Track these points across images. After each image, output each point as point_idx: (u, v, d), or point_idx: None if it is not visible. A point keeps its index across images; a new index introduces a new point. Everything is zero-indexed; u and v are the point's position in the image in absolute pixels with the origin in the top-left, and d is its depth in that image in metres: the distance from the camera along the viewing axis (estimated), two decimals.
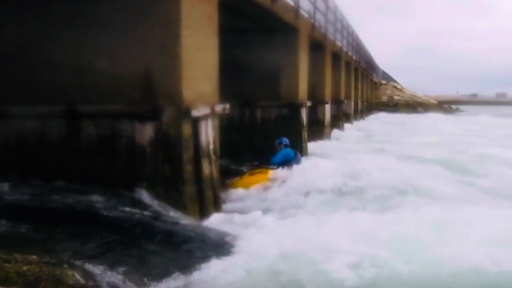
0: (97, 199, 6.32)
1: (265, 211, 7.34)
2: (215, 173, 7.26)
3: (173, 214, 6.48)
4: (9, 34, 6.97)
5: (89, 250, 4.89)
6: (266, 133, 12.55)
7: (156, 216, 6.26)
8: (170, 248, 5.37)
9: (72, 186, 6.69)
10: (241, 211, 7.24)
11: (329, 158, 12.56)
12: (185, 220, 6.43)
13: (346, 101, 24.21)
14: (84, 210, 6.07)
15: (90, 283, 4.25)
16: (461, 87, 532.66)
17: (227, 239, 5.81)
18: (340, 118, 22.22)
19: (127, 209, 6.23)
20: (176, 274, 4.72)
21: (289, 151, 10.64)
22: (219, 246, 5.52)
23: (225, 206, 7.76)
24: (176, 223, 6.22)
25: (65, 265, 4.37)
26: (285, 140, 10.85)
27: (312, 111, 16.36)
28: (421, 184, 9.52)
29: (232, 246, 5.56)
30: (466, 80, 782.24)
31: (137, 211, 6.24)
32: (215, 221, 6.79)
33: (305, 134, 13.69)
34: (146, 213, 6.25)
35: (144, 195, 6.61)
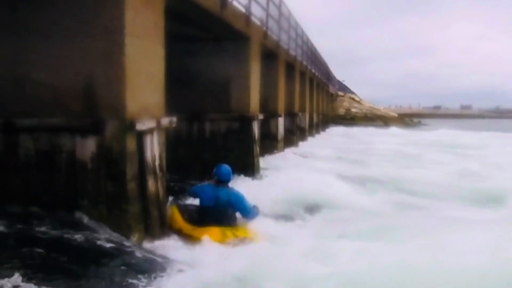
0: (35, 219, 6.39)
1: None
2: (161, 191, 7.38)
3: (115, 235, 6.56)
4: None
5: (26, 277, 4.98)
6: (216, 148, 12.80)
7: (97, 238, 6.33)
8: (108, 274, 5.47)
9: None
10: None
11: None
12: (128, 242, 6.49)
13: (300, 114, 24.61)
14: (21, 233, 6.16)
15: None
16: (423, 101, 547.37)
17: (169, 264, 6.00)
18: (294, 133, 22.60)
19: (67, 230, 6.33)
20: None
21: (208, 189, 7.60)
22: (160, 271, 5.67)
23: None
24: (117, 245, 6.27)
25: None
26: (223, 170, 7.51)
27: (265, 124, 16.66)
28: None
29: (173, 271, 5.77)
30: (429, 94, 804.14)
31: (78, 233, 6.31)
32: (160, 243, 6.94)
33: (257, 149, 13.92)
34: (86, 235, 6.32)
35: (85, 215, 6.71)
